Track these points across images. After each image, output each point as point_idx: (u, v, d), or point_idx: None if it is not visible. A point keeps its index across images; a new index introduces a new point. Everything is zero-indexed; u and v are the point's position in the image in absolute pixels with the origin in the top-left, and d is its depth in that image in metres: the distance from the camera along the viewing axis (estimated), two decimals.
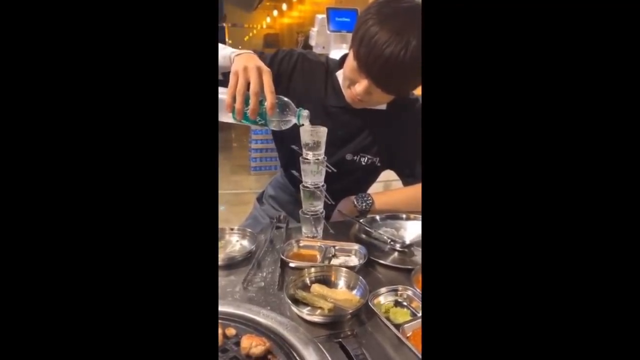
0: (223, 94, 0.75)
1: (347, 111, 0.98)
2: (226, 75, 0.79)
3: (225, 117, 0.76)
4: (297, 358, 0.50)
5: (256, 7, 9.94)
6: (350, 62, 0.85)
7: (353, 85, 0.88)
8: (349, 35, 2.44)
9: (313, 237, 0.84)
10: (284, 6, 8.72)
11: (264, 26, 10.53)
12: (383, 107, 0.99)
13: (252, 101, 0.73)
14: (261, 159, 4.11)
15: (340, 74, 0.97)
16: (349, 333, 0.56)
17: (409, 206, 0.97)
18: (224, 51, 0.84)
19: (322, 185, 0.82)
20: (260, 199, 1.25)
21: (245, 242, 0.83)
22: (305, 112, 0.76)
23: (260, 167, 4.11)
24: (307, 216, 0.83)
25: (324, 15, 2.82)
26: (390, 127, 1.01)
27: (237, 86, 0.72)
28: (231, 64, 0.78)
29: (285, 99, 0.77)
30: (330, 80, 1.00)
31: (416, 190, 1.02)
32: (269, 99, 0.73)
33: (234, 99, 0.73)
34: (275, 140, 1.12)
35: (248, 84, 0.73)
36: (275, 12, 9.52)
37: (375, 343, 0.55)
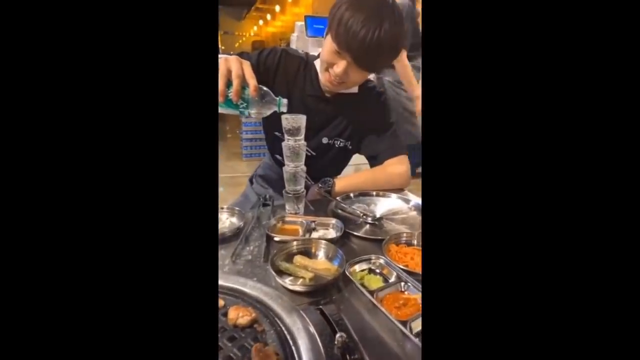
0: None
1: (322, 99, 0.91)
2: None
3: None
4: (281, 325, 0.44)
5: (244, 17, 9.56)
6: (329, 46, 0.77)
7: (331, 68, 0.80)
8: None
9: (295, 213, 0.77)
10: (269, 16, 8.41)
11: (252, 34, 10.13)
12: (355, 90, 0.92)
13: (235, 83, 0.63)
14: (251, 147, 4.04)
15: (317, 62, 0.89)
16: (328, 300, 0.51)
17: (366, 186, 0.90)
18: None
19: (302, 168, 0.75)
20: (251, 180, 1.17)
21: (234, 219, 0.75)
22: (284, 100, 0.68)
23: (251, 154, 4.04)
24: (290, 195, 0.76)
25: (303, 23, 2.70)
26: (359, 110, 0.93)
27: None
28: None
29: (265, 88, 0.68)
30: (308, 71, 0.92)
31: (373, 172, 0.96)
32: (251, 83, 0.64)
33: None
34: (263, 127, 1.05)
35: (229, 72, 0.64)
36: (261, 22, 9.17)
37: (352, 308, 0.50)
